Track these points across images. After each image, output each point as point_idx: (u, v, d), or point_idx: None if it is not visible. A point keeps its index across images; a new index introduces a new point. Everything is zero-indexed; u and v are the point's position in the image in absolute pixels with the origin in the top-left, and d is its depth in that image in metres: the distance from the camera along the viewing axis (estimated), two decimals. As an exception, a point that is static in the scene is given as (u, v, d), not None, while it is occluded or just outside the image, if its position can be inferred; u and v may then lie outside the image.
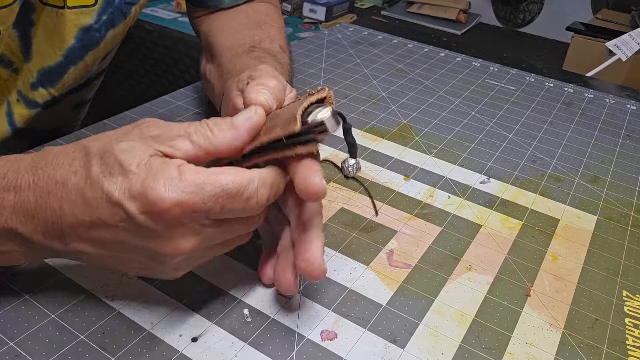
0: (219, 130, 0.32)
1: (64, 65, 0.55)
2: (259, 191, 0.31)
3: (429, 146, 0.60)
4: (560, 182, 0.56)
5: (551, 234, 0.48)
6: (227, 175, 0.30)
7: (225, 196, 0.30)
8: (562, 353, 0.36)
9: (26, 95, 0.55)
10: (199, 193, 0.29)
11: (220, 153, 0.32)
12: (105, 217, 0.29)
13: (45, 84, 0.55)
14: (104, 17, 0.55)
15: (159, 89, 1.63)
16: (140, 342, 0.34)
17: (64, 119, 0.64)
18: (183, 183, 0.29)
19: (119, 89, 1.70)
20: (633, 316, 0.40)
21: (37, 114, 0.57)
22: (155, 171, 0.29)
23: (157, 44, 1.56)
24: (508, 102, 0.72)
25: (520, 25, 2.14)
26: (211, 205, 0.30)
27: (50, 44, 0.53)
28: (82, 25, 0.53)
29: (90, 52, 0.56)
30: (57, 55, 0.54)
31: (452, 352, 0.36)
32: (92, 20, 0.54)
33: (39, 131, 0.60)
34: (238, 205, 0.30)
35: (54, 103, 0.57)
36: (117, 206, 0.29)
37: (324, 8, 1.84)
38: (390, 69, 0.78)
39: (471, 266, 0.43)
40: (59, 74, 0.55)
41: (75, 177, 0.30)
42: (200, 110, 0.61)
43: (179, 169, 0.30)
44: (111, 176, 0.29)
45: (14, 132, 0.57)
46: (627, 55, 0.97)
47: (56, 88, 0.56)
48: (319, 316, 0.37)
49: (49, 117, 0.59)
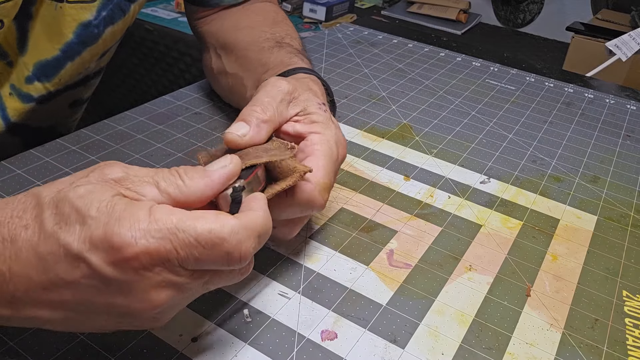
0: (190, 178, 0.29)
1: (61, 60, 0.55)
2: (243, 244, 0.27)
3: (429, 146, 0.60)
4: (560, 182, 0.56)
5: (551, 234, 0.48)
6: (204, 223, 0.26)
7: (200, 247, 0.26)
8: (562, 353, 0.36)
9: (20, 89, 0.55)
10: (171, 240, 0.26)
11: (191, 203, 0.29)
12: (64, 274, 0.26)
13: (41, 77, 0.55)
14: (104, 13, 0.55)
15: (159, 88, 1.63)
16: (140, 342, 0.34)
17: (59, 116, 0.64)
18: (152, 226, 0.25)
19: (119, 88, 1.70)
20: (633, 316, 0.40)
21: (31, 109, 0.57)
22: (120, 214, 0.25)
23: (157, 43, 1.56)
24: (508, 102, 0.72)
25: (520, 25, 2.14)
26: (184, 255, 0.26)
27: (48, 37, 0.53)
28: (82, 21, 0.53)
29: (88, 48, 0.56)
30: (55, 50, 0.54)
31: (452, 352, 0.36)
32: (91, 16, 0.54)
33: (32, 128, 0.60)
34: (217, 258, 0.27)
35: (49, 98, 0.57)
36: (78, 259, 0.25)
37: (324, 8, 1.84)
38: (391, 68, 0.78)
39: (471, 266, 0.43)
40: (55, 68, 0.55)
41: (26, 232, 0.26)
42: (200, 110, 0.61)
43: (150, 210, 0.26)
44: (67, 226, 0.25)
45: (8, 128, 0.56)
46: (627, 55, 0.97)
47: (52, 83, 0.56)
48: (319, 316, 0.37)
49: (44, 113, 0.59)
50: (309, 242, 0.44)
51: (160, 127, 0.57)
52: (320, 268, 0.41)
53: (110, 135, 0.55)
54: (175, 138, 0.55)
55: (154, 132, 0.56)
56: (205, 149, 0.52)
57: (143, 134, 0.55)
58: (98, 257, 0.25)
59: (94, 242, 0.25)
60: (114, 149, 0.52)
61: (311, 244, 0.43)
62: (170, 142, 0.55)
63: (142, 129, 0.56)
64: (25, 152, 0.50)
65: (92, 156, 0.51)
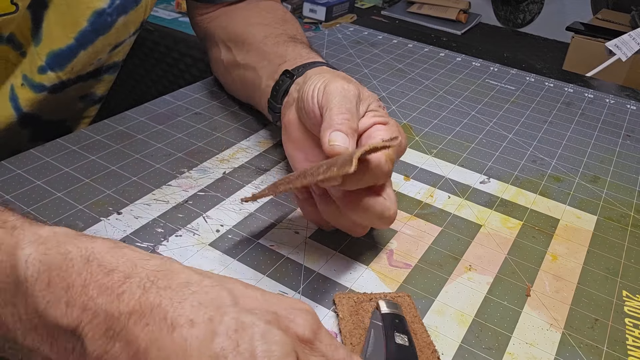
0: None
1: (74, 48, 0.55)
2: None
3: (429, 146, 0.60)
4: (560, 182, 0.56)
5: (551, 234, 0.48)
6: None
7: None
8: (562, 353, 0.36)
9: (32, 80, 0.55)
10: None
11: None
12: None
13: (54, 67, 0.55)
14: (117, 1, 0.55)
15: (159, 88, 1.63)
16: (140, 342, 0.34)
17: (70, 109, 0.64)
18: None
19: (120, 88, 1.69)
20: (633, 316, 0.40)
21: (44, 98, 0.56)
22: None
23: (158, 43, 1.56)
24: (508, 102, 0.72)
25: (520, 25, 2.14)
26: None
27: (63, 26, 0.53)
28: (96, 9, 0.53)
29: (101, 36, 0.56)
30: (69, 38, 0.54)
31: (452, 352, 0.36)
32: (105, 4, 0.54)
33: (44, 120, 0.60)
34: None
35: (61, 88, 0.57)
36: None
37: (324, 8, 1.84)
38: (390, 69, 0.78)
39: (471, 266, 0.43)
40: (68, 57, 0.55)
41: (189, 330, 0.23)
42: (200, 110, 0.61)
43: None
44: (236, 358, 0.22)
45: (20, 118, 0.57)
46: (627, 55, 0.97)
47: (65, 72, 0.56)
48: (319, 316, 0.37)
49: (55, 104, 0.59)
50: (309, 242, 0.44)
51: (161, 127, 0.57)
52: (320, 268, 0.41)
53: (110, 135, 0.55)
54: (176, 138, 0.55)
55: (154, 132, 0.56)
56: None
57: (143, 134, 0.55)
58: None
59: None
60: (114, 149, 0.52)
61: (311, 244, 0.43)
62: (171, 142, 0.55)
63: (142, 129, 0.56)
64: (26, 152, 0.50)
65: (92, 156, 0.51)
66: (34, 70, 0.54)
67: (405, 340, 0.33)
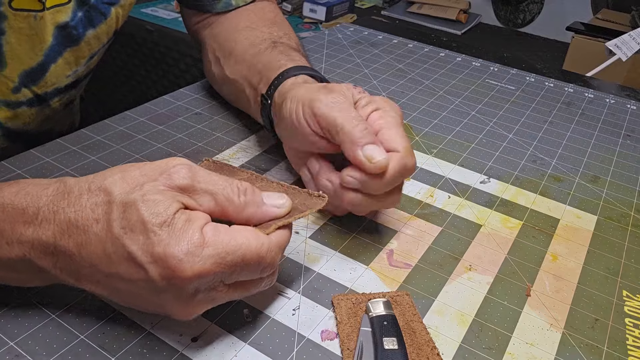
0: (245, 204, 0.33)
1: (44, 64, 0.55)
2: (274, 258, 0.32)
3: (429, 146, 0.60)
4: (560, 182, 0.56)
5: (551, 233, 0.48)
6: (248, 245, 0.31)
7: (243, 265, 0.31)
8: (562, 353, 0.36)
9: (8, 100, 0.55)
10: (220, 263, 0.30)
11: (236, 221, 0.33)
12: (123, 273, 0.30)
13: (27, 84, 0.55)
14: (79, 14, 0.55)
15: (159, 89, 1.63)
16: (140, 342, 0.34)
17: (56, 119, 0.64)
18: (205, 252, 0.29)
19: (120, 89, 1.70)
20: (633, 316, 0.40)
21: (22, 112, 0.56)
22: (178, 234, 0.29)
23: (158, 44, 1.56)
24: (508, 102, 0.72)
25: (520, 25, 2.14)
26: (229, 273, 0.31)
27: (30, 46, 0.53)
28: (59, 23, 0.54)
29: (68, 49, 0.56)
30: (38, 56, 0.54)
31: (452, 352, 0.36)
32: (67, 18, 0.54)
33: (31, 133, 0.60)
34: (253, 272, 0.32)
35: (39, 102, 0.57)
36: (138, 266, 0.29)
37: (324, 8, 1.84)
38: (391, 69, 0.78)
39: (471, 266, 0.43)
40: (40, 72, 0.55)
41: (97, 226, 0.30)
42: (200, 111, 0.61)
43: (202, 231, 0.30)
44: (133, 233, 0.29)
45: (5, 134, 0.57)
46: (627, 55, 0.97)
47: (39, 86, 0.56)
48: (319, 316, 0.37)
49: (38, 117, 0.59)
50: (309, 242, 0.44)
51: (161, 128, 0.57)
52: (320, 268, 0.41)
53: (110, 135, 0.55)
54: (176, 138, 0.55)
55: (154, 132, 0.56)
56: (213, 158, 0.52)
57: (143, 134, 0.55)
58: (156, 271, 0.29)
59: (154, 257, 0.29)
60: (115, 149, 0.52)
61: (311, 244, 0.43)
62: (171, 142, 0.55)
63: (142, 129, 0.56)
64: (26, 152, 0.50)
65: (92, 156, 0.51)
66: (8, 92, 0.54)
67: (395, 344, 0.33)
